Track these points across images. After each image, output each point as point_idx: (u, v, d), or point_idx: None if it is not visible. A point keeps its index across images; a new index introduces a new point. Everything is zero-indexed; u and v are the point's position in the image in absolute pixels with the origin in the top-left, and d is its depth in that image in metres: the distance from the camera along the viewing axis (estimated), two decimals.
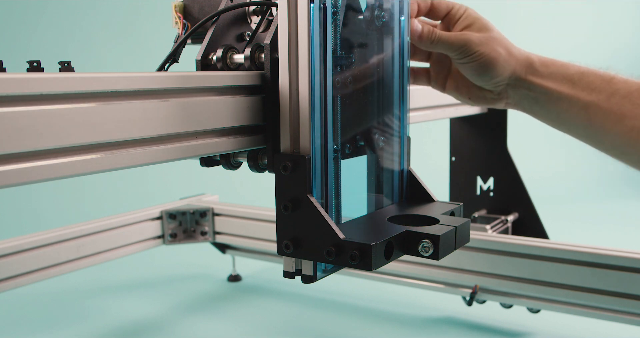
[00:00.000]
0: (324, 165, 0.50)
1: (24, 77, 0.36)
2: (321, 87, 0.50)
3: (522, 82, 0.63)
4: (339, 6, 0.52)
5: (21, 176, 0.37)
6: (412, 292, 1.09)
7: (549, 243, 0.87)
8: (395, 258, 0.50)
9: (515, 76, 0.63)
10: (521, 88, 0.64)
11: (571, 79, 0.62)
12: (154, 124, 0.44)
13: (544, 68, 0.63)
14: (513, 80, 0.63)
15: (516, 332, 0.97)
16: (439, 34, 0.61)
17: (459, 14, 0.63)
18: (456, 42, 0.60)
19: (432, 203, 0.61)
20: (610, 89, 0.61)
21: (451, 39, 0.60)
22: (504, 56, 0.61)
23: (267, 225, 1.12)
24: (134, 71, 0.43)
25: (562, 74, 0.63)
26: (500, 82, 0.63)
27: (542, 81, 0.63)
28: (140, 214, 1.12)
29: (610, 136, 0.61)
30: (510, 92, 0.64)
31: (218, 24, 0.58)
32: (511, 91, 0.64)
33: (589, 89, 0.62)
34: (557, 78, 0.62)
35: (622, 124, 0.60)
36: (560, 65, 0.63)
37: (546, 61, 0.63)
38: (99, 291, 1.18)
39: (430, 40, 0.61)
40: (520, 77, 0.63)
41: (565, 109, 0.63)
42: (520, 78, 0.63)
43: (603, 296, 0.83)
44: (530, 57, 0.63)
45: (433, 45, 0.61)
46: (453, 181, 1.19)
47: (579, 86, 0.62)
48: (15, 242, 0.91)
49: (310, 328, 1.00)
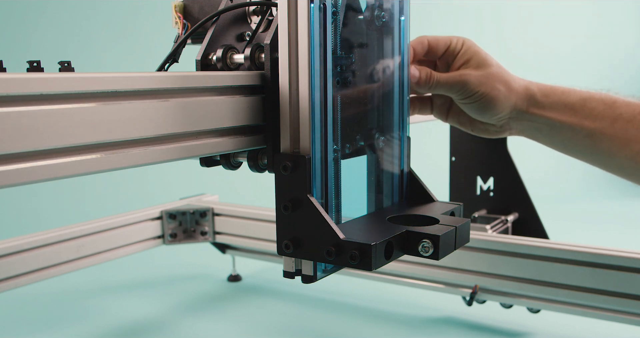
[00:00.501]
0: (324, 165, 0.50)
1: (24, 77, 0.36)
2: (321, 87, 0.50)
3: (524, 115, 0.63)
4: (339, 6, 0.52)
5: (21, 176, 0.37)
6: (412, 292, 1.09)
7: (549, 243, 0.87)
8: (395, 258, 0.50)
9: (517, 110, 0.62)
10: (524, 120, 0.63)
11: (573, 107, 0.62)
12: (154, 124, 0.44)
13: (544, 98, 0.62)
14: (515, 114, 0.63)
15: (516, 332, 0.97)
16: (437, 78, 0.60)
17: (457, 48, 0.62)
18: (454, 84, 0.60)
19: (432, 203, 0.61)
20: (613, 115, 0.61)
21: (449, 81, 0.60)
22: (504, 93, 0.61)
23: (267, 225, 1.12)
24: (134, 71, 0.43)
25: (563, 103, 0.62)
26: (502, 117, 0.63)
27: (544, 111, 0.62)
28: (140, 214, 1.12)
29: (616, 160, 0.61)
30: (513, 124, 0.64)
31: (218, 24, 0.58)
32: (514, 123, 0.64)
33: (592, 116, 0.61)
34: (559, 107, 0.62)
35: (628, 149, 0.60)
36: (560, 93, 0.63)
37: (546, 90, 0.63)
38: (99, 291, 1.18)
39: (428, 86, 0.61)
40: (522, 110, 0.63)
41: (570, 137, 0.62)
42: (522, 111, 0.63)
43: (603, 296, 0.83)
44: (530, 88, 0.63)
45: (432, 89, 0.61)
46: (453, 181, 1.19)
47: (581, 114, 0.62)
48: (15, 242, 0.91)
49: (310, 328, 1.00)
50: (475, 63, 0.61)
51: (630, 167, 0.61)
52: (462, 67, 0.62)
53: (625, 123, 0.60)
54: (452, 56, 0.62)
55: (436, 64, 0.65)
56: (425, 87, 0.61)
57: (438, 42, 0.62)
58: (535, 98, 0.62)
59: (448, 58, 0.63)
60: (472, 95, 0.60)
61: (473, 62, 0.61)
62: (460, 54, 0.62)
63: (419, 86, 0.61)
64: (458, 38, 0.62)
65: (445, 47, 0.62)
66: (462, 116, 0.67)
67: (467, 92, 0.60)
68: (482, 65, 0.61)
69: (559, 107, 0.62)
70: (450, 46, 0.62)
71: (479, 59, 0.61)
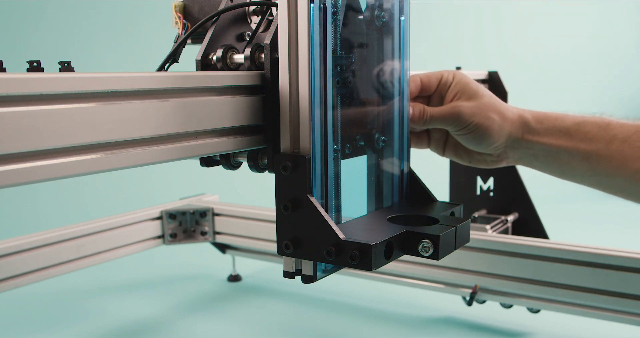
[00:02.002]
0: (324, 165, 0.51)
1: (24, 77, 0.36)
2: (321, 87, 0.50)
3: (519, 143, 0.64)
4: (339, 6, 0.52)
5: (21, 176, 0.37)
6: (412, 292, 1.09)
7: (549, 243, 0.87)
8: (395, 258, 0.50)
9: (513, 138, 0.63)
10: (520, 148, 0.64)
11: (567, 131, 0.63)
12: (154, 124, 0.44)
13: (539, 125, 0.63)
14: (510, 142, 0.64)
15: (516, 332, 0.97)
16: (431, 113, 0.61)
17: (448, 82, 0.63)
18: (448, 117, 0.61)
19: (432, 203, 0.61)
20: (607, 136, 0.61)
21: (443, 114, 0.61)
22: (498, 122, 0.62)
23: (267, 225, 1.12)
24: (134, 71, 0.43)
25: (558, 128, 0.63)
26: (499, 146, 0.64)
27: (540, 138, 0.63)
28: (140, 214, 1.12)
29: (615, 181, 0.61)
30: (509, 153, 0.65)
31: (218, 24, 0.59)
32: (510, 151, 0.65)
33: (587, 139, 0.62)
34: (553, 133, 0.63)
35: (626, 169, 0.60)
36: (554, 119, 0.63)
37: (539, 116, 0.64)
38: (99, 291, 1.18)
39: (423, 121, 0.62)
40: (517, 138, 0.63)
41: (566, 161, 0.63)
42: (517, 139, 0.63)
43: (603, 296, 0.83)
44: (524, 115, 0.63)
45: (427, 124, 0.62)
46: (453, 181, 1.19)
47: (576, 138, 0.62)
48: (15, 242, 0.91)
49: (310, 328, 1.00)
50: (467, 95, 0.62)
51: (629, 187, 0.61)
52: (455, 99, 0.63)
53: (620, 144, 0.61)
54: (444, 89, 0.64)
55: (430, 99, 0.66)
56: (420, 123, 0.62)
57: (430, 79, 0.64)
58: (530, 125, 0.63)
59: (441, 91, 0.64)
60: (466, 126, 0.61)
61: (465, 94, 0.62)
62: (452, 86, 0.63)
63: (414, 122, 0.62)
64: (449, 72, 0.64)
65: (437, 81, 0.64)
66: (459, 148, 0.68)
67: (462, 124, 0.61)
68: (473, 96, 0.62)
69: (554, 133, 0.63)
70: (441, 79, 0.64)
71: (470, 90, 0.63)
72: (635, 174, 0.60)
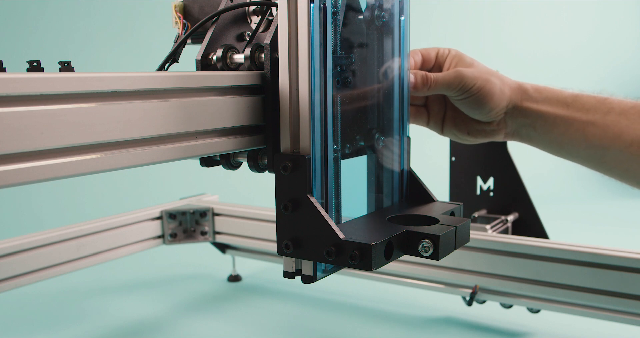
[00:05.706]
0: (324, 165, 0.51)
1: (24, 77, 0.36)
2: (321, 87, 0.50)
3: (518, 110, 0.65)
4: (339, 6, 0.52)
5: (21, 176, 0.37)
6: (412, 292, 1.09)
7: (549, 243, 0.87)
8: (395, 258, 0.50)
9: (512, 104, 0.64)
10: (518, 116, 0.65)
11: (565, 101, 0.64)
12: (154, 124, 0.44)
13: (537, 94, 0.65)
14: (510, 109, 0.65)
15: (516, 332, 0.97)
16: (434, 77, 0.62)
17: (445, 54, 0.66)
18: (452, 80, 0.62)
19: (432, 203, 0.61)
20: (605, 108, 0.62)
21: (447, 78, 0.62)
22: (499, 86, 0.63)
23: (267, 225, 1.12)
24: (134, 71, 0.43)
25: (556, 98, 0.64)
26: (499, 112, 0.64)
27: (538, 105, 0.64)
28: (140, 214, 1.12)
29: (610, 153, 0.62)
30: (508, 121, 0.66)
31: (218, 24, 0.59)
32: (509, 119, 0.66)
33: (584, 109, 0.63)
34: (551, 102, 0.64)
35: (621, 140, 0.60)
36: (552, 90, 0.65)
37: (539, 86, 0.65)
38: (98, 291, 1.18)
39: (427, 86, 0.62)
40: (517, 104, 0.64)
41: (563, 132, 0.64)
42: (517, 106, 0.64)
43: (603, 296, 0.83)
44: (523, 84, 0.65)
45: (431, 89, 0.63)
46: (453, 181, 1.19)
47: (573, 107, 0.63)
48: (15, 242, 0.91)
49: (310, 328, 1.00)
50: (465, 63, 0.65)
51: (624, 160, 0.61)
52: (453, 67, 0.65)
53: (617, 115, 0.61)
54: (441, 61, 0.66)
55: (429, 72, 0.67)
56: (425, 89, 0.62)
57: (429, 52, 0.66)
58: (529, 93, 0.65)
59: (440, 63, 0.66)
60: (469, 88, 0.62)
61: (462, 63, 0.65)
62: (449, 58, 0.66)
63: (418, 89, 0.62)
64: (444, 48, 0.67)
65: (435, 54, 0.66)
66: (458, 119, 0.68)
67: (465, 87, 0.62)
68: (471, 64, 0.65)
69: (552, 102, 0.64)
70: (438, 52, 0.66)
71: (467, 59, 0.65)
72: (630, 145, 0.60)
